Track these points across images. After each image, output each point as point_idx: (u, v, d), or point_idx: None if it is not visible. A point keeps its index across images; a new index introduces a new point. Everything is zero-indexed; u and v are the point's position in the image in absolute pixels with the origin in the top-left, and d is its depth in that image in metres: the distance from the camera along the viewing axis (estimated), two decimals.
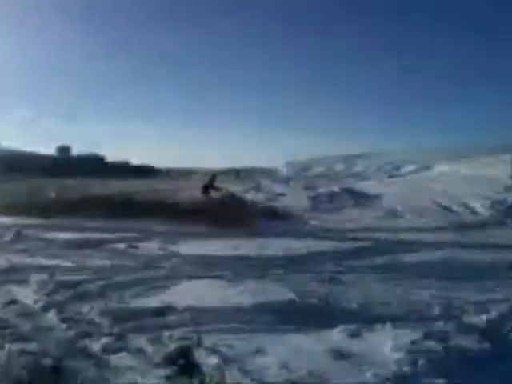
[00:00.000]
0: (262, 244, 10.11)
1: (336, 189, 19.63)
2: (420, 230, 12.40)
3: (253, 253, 9.34)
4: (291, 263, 8.63)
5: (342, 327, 5.35)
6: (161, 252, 9.71)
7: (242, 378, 4.11)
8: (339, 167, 27.77)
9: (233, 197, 15.85)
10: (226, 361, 4.43)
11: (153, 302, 6.14)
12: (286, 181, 22.73)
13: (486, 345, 4.93)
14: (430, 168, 23.50)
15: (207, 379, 4.17)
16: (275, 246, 9.93)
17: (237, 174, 26.04)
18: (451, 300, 6.03)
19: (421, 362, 4.45)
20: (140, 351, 4.70)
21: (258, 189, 20.71)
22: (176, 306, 5.87)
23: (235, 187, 21.34)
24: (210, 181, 17.34)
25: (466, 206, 15.48)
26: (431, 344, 4.85)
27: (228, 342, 4.91)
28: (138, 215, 13.28)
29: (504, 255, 9.23)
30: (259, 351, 4.74)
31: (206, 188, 17.71)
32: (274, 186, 21.20)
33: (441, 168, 22.81)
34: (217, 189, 17.11)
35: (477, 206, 15.38)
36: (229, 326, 5.41)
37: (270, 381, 4.10)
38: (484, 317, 5.74)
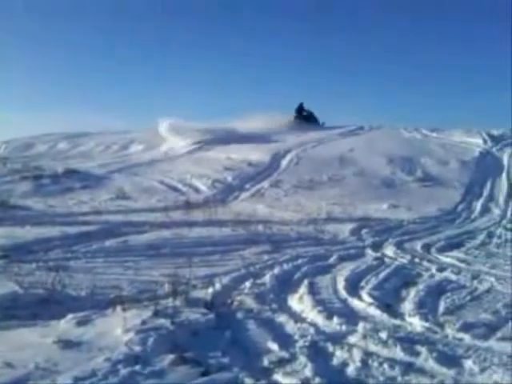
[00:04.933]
0: None
1: (60, 170, 18.66)
2: (149, 210, 12.67)
3: None
4: (14, 252, 7.96)
5: (71, 316, 5.23)
6: None
7: None
8: (63, 146, 26.31)
9: None
10: None
11: None
12: (3, 161, 20.57)
13: (211, 316, 5.37)
14: (156, 147, 24.10)
15: None
16: None
17: None
18: (179, 277, 6.36)
19: (151, 340, 4.62)
20: None
21: None
22: None
23: None
24: None
25: (191, 186, 16.37)
26: (161, 321, 5.08)
27: None
28: None
29: (227, 232, 10.04)
30: None
31: None
32: None
33: (167, 146, 23.67)
34: None
35: (200, 185, 16.40)
36: None
37: None
38: (209, 290, 6.25)
